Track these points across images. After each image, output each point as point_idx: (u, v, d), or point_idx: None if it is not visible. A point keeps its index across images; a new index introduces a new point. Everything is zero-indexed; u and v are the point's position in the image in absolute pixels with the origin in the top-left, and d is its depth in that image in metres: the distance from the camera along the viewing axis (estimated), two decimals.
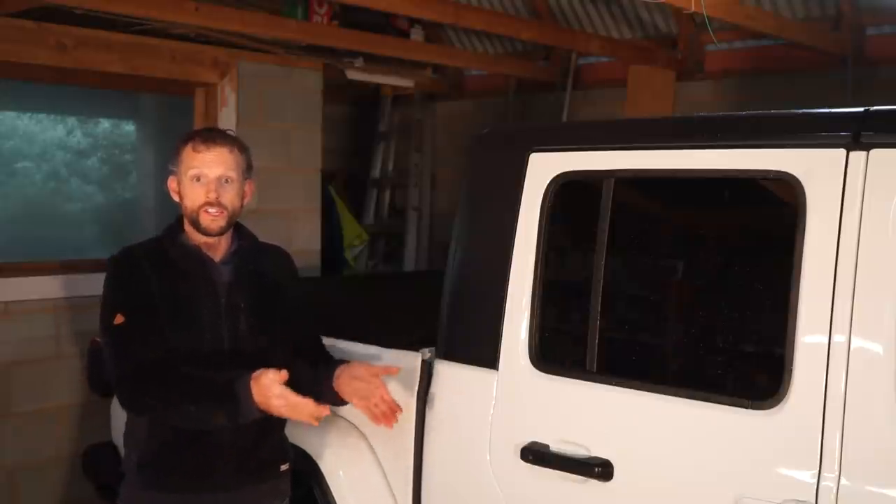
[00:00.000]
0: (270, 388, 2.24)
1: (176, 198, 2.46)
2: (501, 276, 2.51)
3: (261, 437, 2.47)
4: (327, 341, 2.78)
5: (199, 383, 2.30)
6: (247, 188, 2.49)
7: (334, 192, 6.11)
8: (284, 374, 2.25)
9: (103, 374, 3.40)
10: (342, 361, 2.57)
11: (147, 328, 2.33)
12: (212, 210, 2.38)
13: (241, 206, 2.47)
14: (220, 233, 2.43)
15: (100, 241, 5.15)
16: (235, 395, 2.25)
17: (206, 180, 2.38)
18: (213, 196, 2.37)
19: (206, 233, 2.41)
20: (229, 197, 2.41)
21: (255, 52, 4.86)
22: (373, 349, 2.82)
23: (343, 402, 2.53)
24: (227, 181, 2.40)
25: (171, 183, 2.47)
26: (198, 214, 2.39)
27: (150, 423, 2.40)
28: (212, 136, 2.44)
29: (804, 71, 4.78)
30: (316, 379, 2.50)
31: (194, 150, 2.39)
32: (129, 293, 2.38)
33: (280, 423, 2.55)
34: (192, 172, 2.39)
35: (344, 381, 2.49)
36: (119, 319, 2.33)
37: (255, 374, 2.26)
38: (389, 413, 2.49)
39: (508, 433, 2.45)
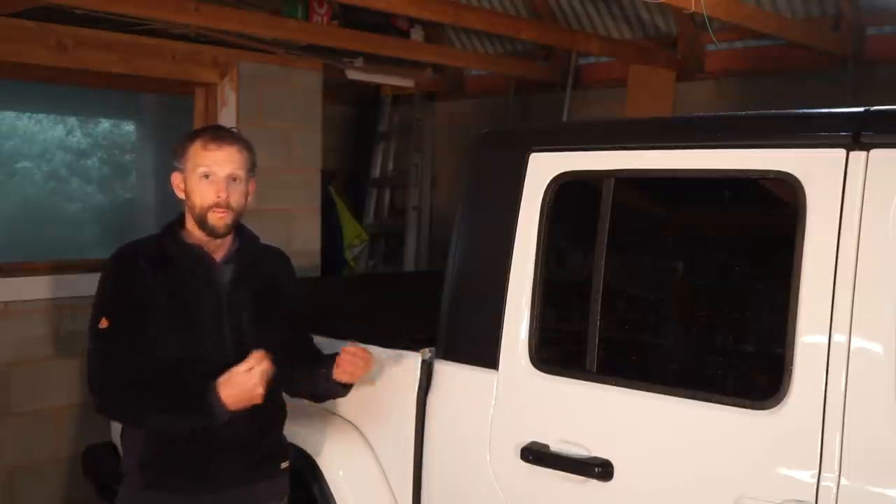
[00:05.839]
0: (240, 380, 2.26)
1: (181, 195, 2.44)
2: (501, 276, 2.51)
3: (261, 436, 2.47)
4: (328, 342, 2.78)
5: (169, 394, 2.31)
6: (250, 187, 2.48)
7: (334, 192, 6.11)
8: (258, 355, 2.28)
9: None
10: (333, 356, 2.54)
11: (133, 334, 2.32)
12: (219, 211, 2.37)
13: (245, 205, 2.46)
14: (227, 233, 2.42)
15: (100, 241, 5.16)
16: (206, 406, 2.27)
17: (216, 179, 2.37)
18: (223, 196, 2.36)
19: (212, 232, 2.40)
20: (236, 197, 2.40)
21: (255, 52, 4.86)
22: (373, 349, 2.81)
23: (345, 389, 2.56)
24: (234, 180, 2.39)
25: (176, 179, 2.44)
26: (206, 213, 2.37)
27: None
28: (222, 134, 2.43)
29: (804, 71, 4.78)
30: (314, 376, 2.55)
31: (204, 147, 2.38)
32: (119, 296, 2.37)
33: (279, 420, 2.56)
34: (201, 170, 2.37)
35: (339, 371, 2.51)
36: (104, 324, 2.33)
37: (220, 380, 2.27)
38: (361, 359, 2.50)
39: (508, 433, 2.45)
